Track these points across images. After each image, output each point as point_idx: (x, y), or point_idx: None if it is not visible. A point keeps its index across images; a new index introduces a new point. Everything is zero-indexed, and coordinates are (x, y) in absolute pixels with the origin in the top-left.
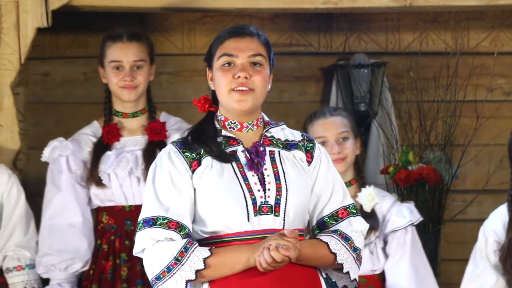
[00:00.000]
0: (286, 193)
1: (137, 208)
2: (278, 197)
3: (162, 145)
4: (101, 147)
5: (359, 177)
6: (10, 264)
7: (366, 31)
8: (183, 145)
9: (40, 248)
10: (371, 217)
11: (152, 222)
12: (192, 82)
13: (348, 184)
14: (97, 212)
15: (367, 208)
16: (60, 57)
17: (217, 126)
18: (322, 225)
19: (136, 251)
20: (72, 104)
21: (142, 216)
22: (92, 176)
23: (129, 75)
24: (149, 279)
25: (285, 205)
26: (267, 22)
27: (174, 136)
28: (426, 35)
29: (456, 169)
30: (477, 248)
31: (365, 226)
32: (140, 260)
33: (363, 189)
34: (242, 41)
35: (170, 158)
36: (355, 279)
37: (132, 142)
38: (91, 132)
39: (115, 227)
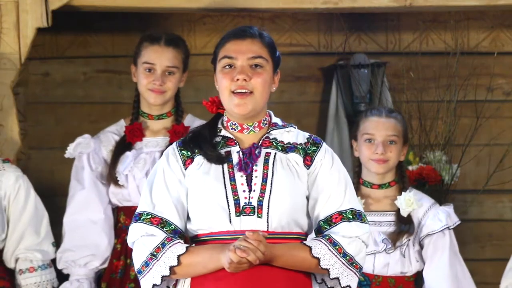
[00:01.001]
0: (270, 195)
1: None
2: (261, 198)
3: None
4: (122, 147)
5: (400, 180)
6: (22, 266)
7: (366, 31)
8: (183, 143)
9: (62, 244)
10: (407, 222)
11: (138, 217)
12: (192, 82)
13: (388, 185)
14: (116, 212)
15: (404, 213)
16: (60, 57)
17: (220, 126)
18: (319, 230)
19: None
20: (72, 104)
21: (136, 211)
22: (110, 175)
23: (159, 79)
24: None
25: (268, 206)
26: (267, 22)
27: None
28: (426, 35)
29: (456, 169)
30: None
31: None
32: None
33: (403, 193)
34: (242, 43)
35: (167, 157)
36: (348, 286)
37: (154, 143)
38: (116, 130)
39: None
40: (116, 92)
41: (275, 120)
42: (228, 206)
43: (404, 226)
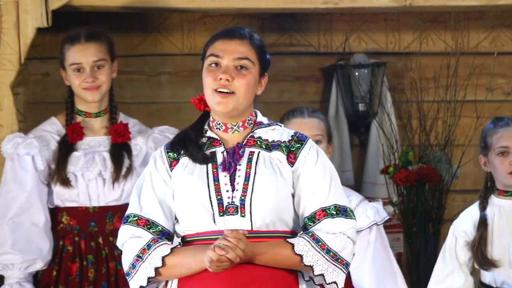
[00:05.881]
0: (252, 194)
1: (101, 210)
2: (243, 197)
3: (126, 146)
4: (67, 147)
5: None
6: None
7: (366, 31)
8: (170, 145)
9: (1, 246)
10: None
11: (126, 219)
12: (192, 82)
13: None
14: (55, 212)
15: None
16: None
17: (206, 126)
18: (304, 227)
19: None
20: None
21: (125, 214)
22: (60, 176)
23: (90, 76)
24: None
25: (250, 205)
26: (267, 22)
27: (137, 138)
28: (426, 35)
29: (456, 169)
30: (446, 248)
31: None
32: (105, 262)
33: None
34: (231, 43)
35: (154, 160)
36: (334, 282)
37: (96, 142)
38: (53, 129)
39: (78, 228)
40: (116, 92)
41: (261, 119)
42: (212, 206)
43: None
